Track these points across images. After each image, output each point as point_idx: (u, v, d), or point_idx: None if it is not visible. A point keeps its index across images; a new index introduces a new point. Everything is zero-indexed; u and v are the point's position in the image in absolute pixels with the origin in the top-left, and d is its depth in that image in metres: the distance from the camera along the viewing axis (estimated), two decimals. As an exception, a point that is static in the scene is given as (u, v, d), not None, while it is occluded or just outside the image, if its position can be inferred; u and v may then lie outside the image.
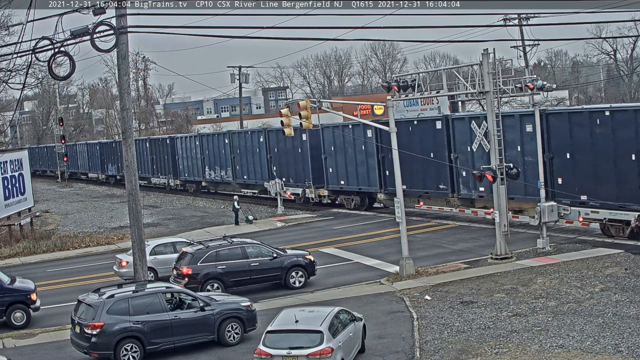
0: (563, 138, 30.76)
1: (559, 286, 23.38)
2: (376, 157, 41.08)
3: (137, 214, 22.77)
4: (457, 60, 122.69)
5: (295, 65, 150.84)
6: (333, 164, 44.28)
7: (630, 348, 17.60)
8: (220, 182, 56.89)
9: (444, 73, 30.64)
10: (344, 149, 43.33)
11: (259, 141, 50.74)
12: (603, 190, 29.30)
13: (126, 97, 22.79)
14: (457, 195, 36.71)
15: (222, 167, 55.21)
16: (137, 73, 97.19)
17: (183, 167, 61.26)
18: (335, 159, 44.01)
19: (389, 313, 22.35)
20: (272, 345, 16.78)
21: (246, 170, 52.33)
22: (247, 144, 52.08)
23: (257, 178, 51.02)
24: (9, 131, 75.95)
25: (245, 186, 53.74)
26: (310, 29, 50.11)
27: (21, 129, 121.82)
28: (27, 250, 38.76)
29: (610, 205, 29.10)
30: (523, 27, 59.69)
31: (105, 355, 19.35)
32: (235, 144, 53.41)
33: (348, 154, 43.10)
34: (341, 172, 43.74)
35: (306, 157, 46.11)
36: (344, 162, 43.32)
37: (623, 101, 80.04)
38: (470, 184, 35.42)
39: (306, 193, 46.49)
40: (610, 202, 29.10)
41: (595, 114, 29.86)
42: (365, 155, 41.85)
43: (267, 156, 49.76)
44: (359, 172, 42.42)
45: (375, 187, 41.66)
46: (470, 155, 35.18)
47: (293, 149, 47.19)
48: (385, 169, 40.39)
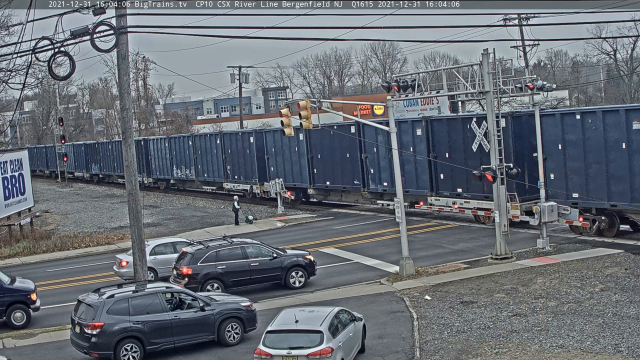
0: (441, 140, 37.05)
1: (559, 286, 23.38)
2: (306, 157, 46.51)
3: (137, 214, 22.76)
4: (457, 60, 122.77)
5: (295, 65, 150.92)
6: (274, 164, 49.47)
7: (630, 348, 17.60)
8: (186, 180, 62.15)
9: (444, 73, 30.65)
10: (282, 151, 48.62)
11: (215, 143, 55.97)
12: (473, 185, 34.42)
13: (126, 97, 22.78)
14: (367, 189, 42.37)
15: (186, 166, 60.43)
16: (137, 73, 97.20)
17: (155, 167, 66.87)
18: (276, 159, 49.32)
19: (389, 313, 22.35)
20: (272, 345, 16.78)
21: (206, 169, 57.68)
22: (206, 145, 57.41)
23: (215, 176, 56.50)
24: (9, 131, 76.05)
25: (206, 183, 59.07)
26: (310, 29, 50.19)
27: (21, 129, 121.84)
28: (27, 250, 38.75)
29: (478, 196, 34.53)
30: (523, 27, 59.70)
31: (105, 355, 19.35)
32: (197, 146, 58.67)
33: (285, 154, 48.39)
34: (280, 170, 48.80)
35: (253, 157, 51.18)
36: (282, 161, 48.68)
37: (623, 101, 79.98)
38: (377, 180, 41.48)
39: (253, 189, 51.42)
40: (479, 194, 34.45)
41: (466, 120, 35.59)
42: (298, 155, 47.31)
43: (222, 157, 55.01)
44: (293, 170, 47.80)
45: (306, 183, 47.08)
46: (377, 155, 41.11)
47: (243, 150, 52.46)
48: (313, 168, 46.24)
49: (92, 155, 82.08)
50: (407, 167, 38.56)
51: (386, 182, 40.45)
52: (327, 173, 45.18)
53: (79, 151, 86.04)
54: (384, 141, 38.93)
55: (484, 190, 33.75)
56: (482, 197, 34.33)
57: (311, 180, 46.50)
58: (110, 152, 76.47)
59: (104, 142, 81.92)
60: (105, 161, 78.25)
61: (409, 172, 38.66)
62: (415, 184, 38.57)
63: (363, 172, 42.31)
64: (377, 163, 40.94)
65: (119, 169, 72.62)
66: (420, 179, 38.42)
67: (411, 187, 38.49)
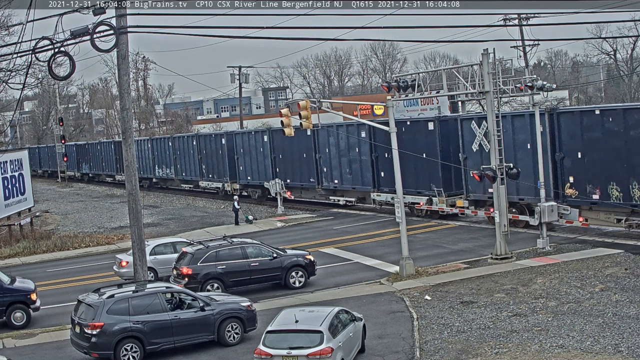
0: (382, 141, 38.00)
1: (559, 286, 23.38)
2: (270, 158, 50.24)
3: (137, 214, 22.76)
4: (457, 60, 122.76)
5: (295, 65, 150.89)
6: (243, 163, 53.37)
7: (630, 348, 17.60)
8: (167, 179, 65.89)
9: (444, 73, 30.63)
10: (250, 152, 52.46)
11: (192, 144, 59.92)
12: (407, 182, 36.77)
13: (126, 97, 22.78)
14: (321, 186, 46.24)
15: (167, 165, 64.23)
16: (137, 73, 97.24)
17: (139, 166, 68.04)
18: (244, 159, 53.16)
19: (389, 313, 22.34)
20: (272, 345, 16.78)
21: (185, 168, 61.69)
22: (184, 146, 61.32)
23: (192, 175, 60.39)
24: (9, 131, 76.09)
25: (184, 182, 62.86)
26: (310, 29, 50.23)
27: (21, 129, 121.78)
28: (27, 250, 38.74)
29: (412, 192, 38.36)
30: (523, 27, 59.69)
31: (105, 355, 19.35)
32: (177, 147, 62.59)
33: (252, 155, 52.19)
34: (248, 169, 52.88)
35: (225, 157, 54.95)
36: (250, 161, 52.50)
37: (623, 101, 79.97)
38: (329, 178, 45.33)
39: (225, 187, 55.21)
40: (412, 190, 38.34)
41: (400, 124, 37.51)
42: (263, 156, 51.01)
43: (198, 157, 58.84)
44: (259, 170, 51.49)
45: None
46: (329, 155, 45.12)
47: (216, 151, 56.28)
48: (276, 167, 49.86)
49: (82, 156, 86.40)
50: (354, 166, 42.95)
51: (337, 180, 44.73)
52: (288, 172, 48.80)
53: (71, 151, 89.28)
54: (334, 143, 44.21)
55: (416, 187, 38.48)
56: (415, 193, 38.65)
57: (275, 179, 49.00)
58: (98, 152, 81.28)
59: (93, 143, 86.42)
60: (95, 161, 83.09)
61: (356, 170, 42.83)
62: (361, 181, 42.69)
63: (317, 171, 46.19)
64: (329, 163, 44.98)
65: (106, 168, 78.79)
66: (365, 177, 42.36)
67: (357, 185, 43.01)
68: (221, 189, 55.92)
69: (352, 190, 43.83)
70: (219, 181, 56.04)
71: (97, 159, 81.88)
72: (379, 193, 41.36)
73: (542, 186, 29.42)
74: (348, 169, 43.55)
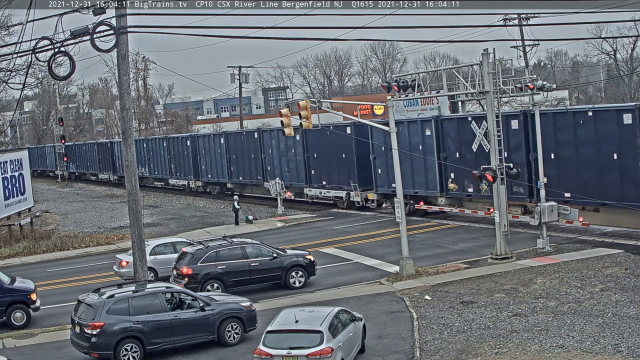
0: (314, 143, 46.35)
1: (559, 286, 23.38)
2: (226, 158, 55.64)
3: (137, 214, 22.75)
4: (457, 60, 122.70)
5: (295, 65, 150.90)
6: (204, 163, 59.17)
7: (630, 348, 17.60)
8: (142, 177, 68.14)
9: (444, 73, 30.63)
10: (209, 152, 58.23)
11: (163, 145, 65.67)
12: (332, 178, 45.07)
13: (126, 97, 22.78)
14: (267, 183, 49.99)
15: (142, 165, 68.51)
16: (137, 73, 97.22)
17: (119, 165, 73.72)
18: (205, 159, 58.92)
19: (389, 313, 22.34)
20: (272, 345, 16.78)
21: (157, 167, 67.43)
22: (156, 147, 67.07)
23: (163, 174, 66.34)
24: (9, 131, 76.12)
25: (157, 180, 69.11)
26: (310, 29, 50.33)
27: (21, 129, 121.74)
28: (27, 250, 38.75)
29: (336, 187, 44.81)
30: (523, 27, 59.68)
31: (105, 355, 19.35)
32: (150, 147, 68.24)
33: (211, 155, 57.89)
34: (209, 168, 58.60)
35: (189, 157, 60.84)
36: (210, 161, 58.17)
37: (623, 101, 79.96)
38: (272, 176, 49.43)
39: (190, 184, 61.24)
40: (336, 186, 44.68)
41: (337, 127, 43.86)
42: (220, 156, 56.60)
43: (168, 157, 64.49)
44: (217, 169, 57.21)
45: (226, 179, 56.48)
46: (272, 155, 50.33)
47: (183, 152, 62.03)
48: (231, 166, 55.38)
49: (70, 155, 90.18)
50: (291, 165, 48.45)
51: (278, 178, 49.02)
52: (240, 170, 54.37)
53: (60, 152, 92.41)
54: (276, 145, 49.59)
55: (339, 183, 44.58)
56: (337, 188, 44.83)
57: (229, 176, 55.69)
58: (84, 152, 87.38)
59: (79, 144, 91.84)
60: (81, 160, 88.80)
61: (292, 169, 48.43)
62: (297, 178, 48.17)
63: (263, 170, 51.49)
64: (272, 162, 50.21)
65: (91, 168, 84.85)
66: (299, 174, 47.72)
67: (294, 181, 48.36)
68: (187, 185, 62.08)
69: (291, 186, 48.52)
70: (185, 179, 62.07)
71: (82, 158, 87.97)
72: (310, 188, 47.07)
73: (542, 186, 29.38)
74: (287, 168, 49.01)
